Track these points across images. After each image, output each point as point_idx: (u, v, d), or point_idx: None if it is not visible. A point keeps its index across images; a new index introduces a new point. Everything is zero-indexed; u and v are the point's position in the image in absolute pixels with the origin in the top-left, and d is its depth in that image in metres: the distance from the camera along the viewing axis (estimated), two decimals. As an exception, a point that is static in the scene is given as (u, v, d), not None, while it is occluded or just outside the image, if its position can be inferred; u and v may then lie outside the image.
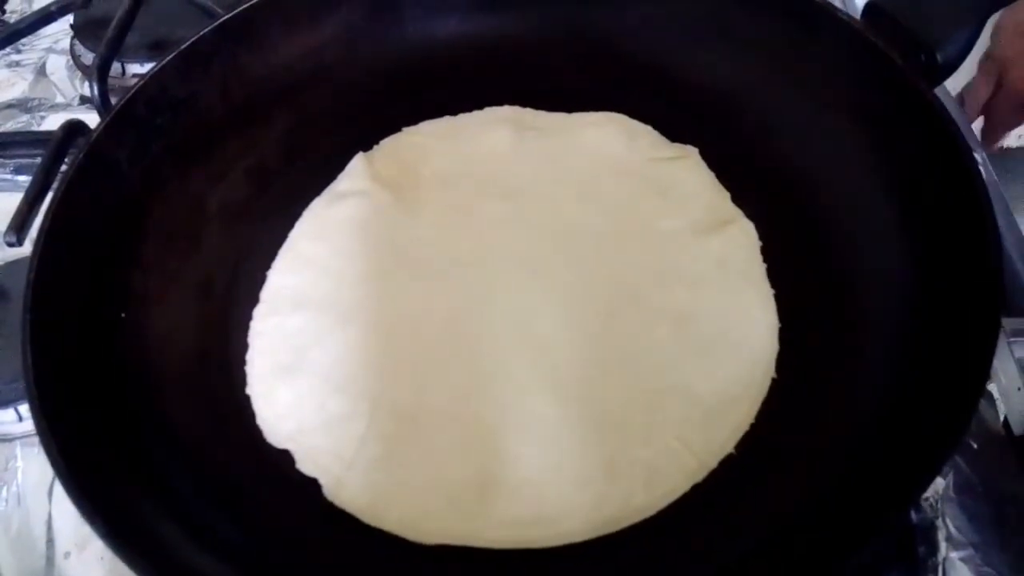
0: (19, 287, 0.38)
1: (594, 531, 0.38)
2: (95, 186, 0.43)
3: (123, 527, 0.33)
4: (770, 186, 0.48)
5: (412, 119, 0.54)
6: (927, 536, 0.40)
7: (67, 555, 0.43)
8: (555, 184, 0.50)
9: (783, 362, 0.42)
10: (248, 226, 0.49)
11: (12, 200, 0.42)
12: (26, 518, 0.44)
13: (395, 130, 0.53)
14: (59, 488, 0.44)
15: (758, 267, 0.45)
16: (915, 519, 0.40)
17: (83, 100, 0.66)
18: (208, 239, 0.48)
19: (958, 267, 0.38)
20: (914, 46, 0.44)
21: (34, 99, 0.66)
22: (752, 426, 0.40)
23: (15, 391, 0.45)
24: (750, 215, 0.47)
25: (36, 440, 0.34)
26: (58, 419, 0.35)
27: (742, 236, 0.46)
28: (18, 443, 0.46)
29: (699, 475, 0.39)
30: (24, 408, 0.46)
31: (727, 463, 0.39)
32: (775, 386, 0.41)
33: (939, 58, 0.43)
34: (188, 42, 0.48)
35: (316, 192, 0.50)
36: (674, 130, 0.51)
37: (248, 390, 0.43)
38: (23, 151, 0.58)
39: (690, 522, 0.38)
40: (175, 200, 0.47)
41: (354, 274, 0.46)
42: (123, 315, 0.42)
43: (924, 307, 0.39)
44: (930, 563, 0.39)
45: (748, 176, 0.49)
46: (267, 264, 0.47)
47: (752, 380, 0.41)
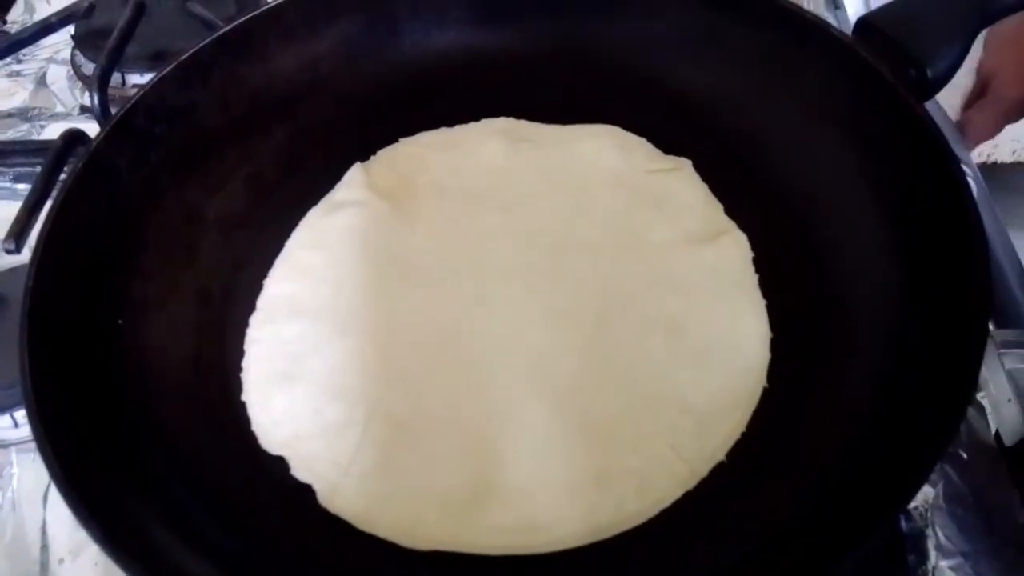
0: (17, 294, 0.39)
1: (586, 538, 0.38)
2: (94, 195, 0.44)
3: (118, 532, 0.33)
4: (763, 198, 0.48)
5: (409, 130, 0.54)
6: (917, 545, 0.40)
7: (61, 561, 0.43)
8: (550, 195, 0.50)
9: (774, 371, 0.42)
10: (246, 235, 0.49)
11: (11, 208, 0.43)
12: (21, 524, 0.44)
13: (392, 141, 0.54)
14: (54, 494, 0.44)
15: (750, 278, 0.46)
16: (905, 528, 0.41)
17: (83, 110, 0.66)
18: (206, 248, 0.48)
19: (947, 279, 0.39)
20: (904, 62, 0.44)
21: (34, 108, 0.67)
22: (743, 435, 0.40)
23: (12, 397, 0.45)
24: (743, 227, 0.48)
25: (32, 446, 0.35)
26: (55, 425, 0.35)
27: (735, 247, 0.47)
28: (13, 449, 0.46)
29: (690, 483, 0.39)
30: (20, 414, 0.46)
31: (718, 471, 0.39)
32: (766, 395, 0.41)
33: (929, 74, 0.44)
34: (187, 53, 0.49)
35: (313, 202, 0.51)
36: (668, 142, 0.52)
37: (244, 397, 0.43)
38: (23, 160, 0.58)
39: (681, 529, 0.38)
40: (173, 209, 0.47)
41: (350, 283, 0.47)
42: (120, 322, 0.43)
43: (913, 317, 0.40)
44: (920, 571, 0.39)
45: (741, 188, 0.49)
46: (264, 273, 0.48)
47: (744, 389, 0.42)
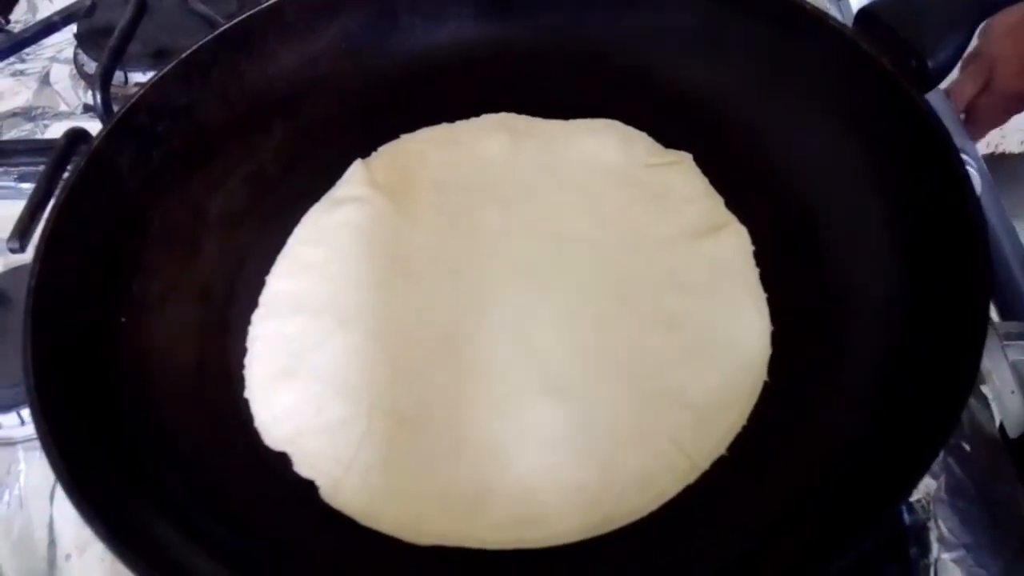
0: (21, 293, 0.39)
1: (588, 532, 0.38)
2: (96, 193, 0.44)
3: (122, 529, 0.33)
4: (763, 191, 0.48)
5: (410, 126, 0.54)
6: (919, 537, 0.40)
7: (68, 557, 0.43)
8: (551, 190, 0.50)
9: (775, 365, 0.42)
10: (247, 232, 0.49)
11: (15, 207, 0.43)
12: (28, 521, 0.44)
13: (393, 137, 0.54)
14: (60, 491, 0.44)
15: (751, 271, 0.46)
16: (907, 520, 0.40)
17: (86, 109, 0.66)
18: (208, 245, 0.48)
19: (948, 270, 0.39)
20: (905, 53, 0.44)
21: (38, 108, 0.67)
22: (744, 428, 0.40)
23: (17, 395, 0.46)
24: (743, 220, 0.48)
25: (38, 444, 0.35)
26: (59, 422, 0.36)
27: (736, 240, 0.47)
28: (20, 447, 0.47)
29: (691, 477, 0.39)
30: (26, 412, 0.46)
31: (719, 465, 0.39)
32: (767, 389, 0.41)
33: (930, 64, 0.44)
34: (189, 51, 0.49)
35: (315, 199, 0.51)
36: (668, 136, 0.52)
37: (247, 394, 0.43)
38: (26, 159, 0.58)
39: (683, 523, 0.38)
40: (175, 206, 0.48)
41: (352, 279, 0.47)
42: (123, 320, 0.43)
43: (914, 310, 0.40)
44: (922, 564, 0.39)
45: (741, 181, 0.49)
46: (266, 269, 0.48)
47: (745, 383, 0.42)
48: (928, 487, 0.41)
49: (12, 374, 0.44)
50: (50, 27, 0.66)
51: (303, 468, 0.41)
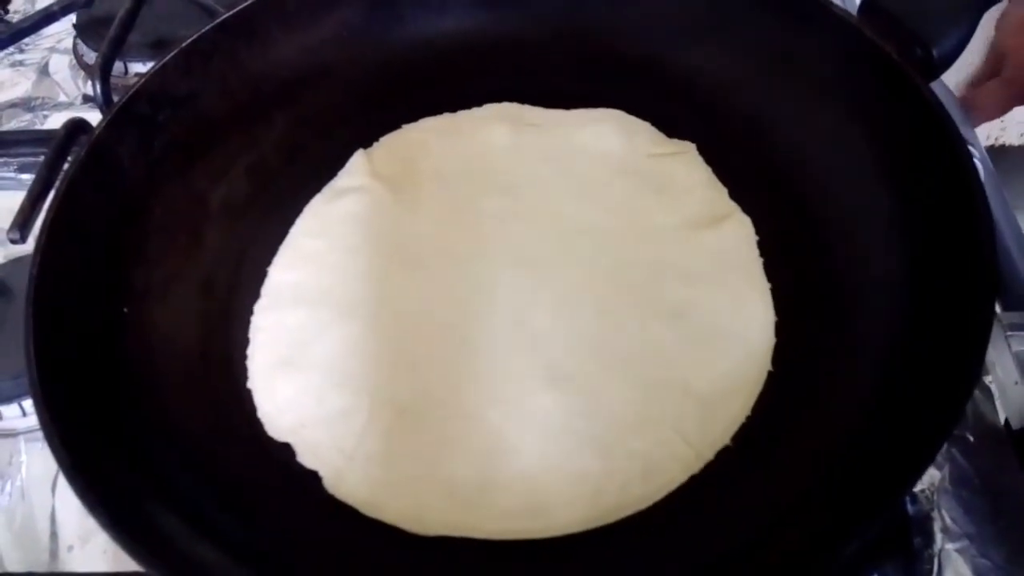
0: (22, 284, 0.39)
1: (592, 522, 0.38)
2: (97, 183, 0.44)
3: (126, 519, 0.33)
4: (767, 181, 0.48)
5: (411, 116, 0.54)
6: (923, 527, 0.40)
7: (70, 548, 0.43)
8: (553, 180, 0.50)
9: (779, 355, 0.42)
10: (249, 222, 0.49)
11: (16, 198, 0.43)
12: (30, 512, 0.44)
13: (395, 127, 0.53)
14: (63, 483, 0.44)
15: (755, 261, 0.45)
16: (911, 510, 0.40)
17: (86, 99, 0.66)
18: (209, 235, 0.48)
19: (953, 260, 0.39)
20: (910, 42, 0.44)
21: (37, 98, 0.67)
22: (748, 418, 0.40)
23: (19, 386, 0.46)
24: (747, 210, 0.47)
25: (40, 435, 0.35)
26: (61, 413, 0.35)
27: (739, 230, 0.47)
28: (22, 438, 0.46)
29: (695, 467, 0.39)
30: (28, 403, 0.46)
31: (723, 455, 0.39)
32: (771, 379, 0.41)
33: (935, 53, 0.44)
34: (189, 40, 0.48)
35: (316, 189, 0.51)
36: (671, 126, 0.52)
37: (249, 384, 0.43)
38: (26, 149, 0.58)
39: (687, 513, 0.38)
40: (177, 197, 0.47)
41: (354, 270, 0.47)
42: (125, 311, 0.43)
43: (919, 300, 0.39)
44: (926, 554, 0.39)
45: (745, 171, 0.49)
46: (268, 260, 0.48)
47: (749, 373, 0.41)
48: (932, 477, 0.41)
49: (13, 365, 0.45)
50: (49, 17, 0.66)
51: (307, 458, 0.41)
